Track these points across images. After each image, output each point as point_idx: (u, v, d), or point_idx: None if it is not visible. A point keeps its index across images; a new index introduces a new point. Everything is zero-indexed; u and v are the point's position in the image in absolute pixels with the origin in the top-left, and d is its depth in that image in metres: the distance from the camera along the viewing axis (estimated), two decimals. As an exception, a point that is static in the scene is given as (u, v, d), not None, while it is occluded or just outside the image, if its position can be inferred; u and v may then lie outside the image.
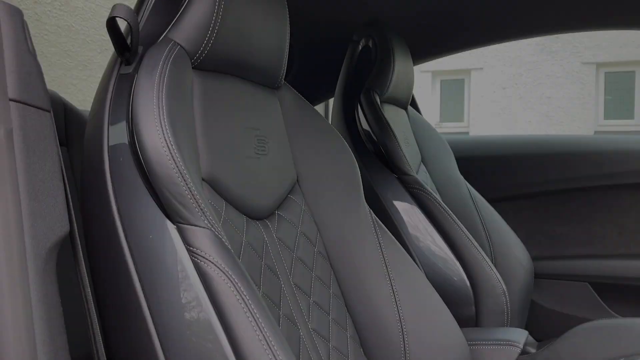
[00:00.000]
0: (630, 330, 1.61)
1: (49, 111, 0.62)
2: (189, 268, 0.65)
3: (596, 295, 1.88)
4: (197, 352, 0.62)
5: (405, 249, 1.40)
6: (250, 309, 0.63)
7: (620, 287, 1.88)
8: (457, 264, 1.37)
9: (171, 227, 0.67)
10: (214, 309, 0.63)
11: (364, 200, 1.08)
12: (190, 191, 0.66)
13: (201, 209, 0.67)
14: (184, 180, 0.66)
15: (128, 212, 0.68)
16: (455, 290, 1.34)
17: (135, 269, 0.66)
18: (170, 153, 0.67)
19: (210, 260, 0.64)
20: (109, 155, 0.71)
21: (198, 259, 0.65)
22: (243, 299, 0.63)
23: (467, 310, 1.32)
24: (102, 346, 0.63)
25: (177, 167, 0.66)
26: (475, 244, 1.40)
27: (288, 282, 0.90)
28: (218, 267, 0.64)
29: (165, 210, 0.67)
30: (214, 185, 0.80)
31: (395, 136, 1.52)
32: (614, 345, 1.56)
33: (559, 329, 1.71)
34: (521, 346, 1.10)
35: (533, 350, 1.74)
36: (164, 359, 0.63)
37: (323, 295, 0.97)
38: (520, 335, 1.13)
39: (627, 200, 1.93)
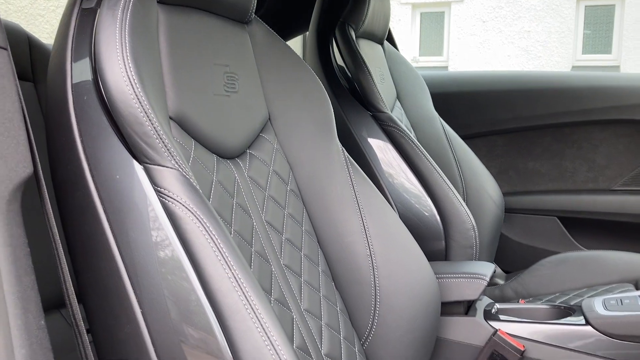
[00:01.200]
0: (594, 262, 1.67)
1: (5, 49, 0.60)
2: (157, 208, 0.65)
3: (564, 229, 1.94)
4: (167, 291, 0.63)
5: (379, 186, 1.42)
6: (219, 247, 0.64)
7: (588, 221, 1.94)
8: (429, 200, 1.39)
9: (138, 168, 0.66)
10: (183, 249, 0.64)
11: (337, 138, 1.08)
12: (156, 131, 0.66)
13: (168, 149, 0.66)
14: (149, 119, 0.65)
15: (94, 151, 0.67)
16: (426, 225, 1.37)
17: (103, 210, 0.66)
18: (134, 91, 0.65)
19: (178, 201, 0.65)
20: (72, 94, 0.69)
21: (166, 199, 0.65)
22: (212, 238, 0.64)
23: (437, 244, 1.35)
24: (72, 286, 0.64)
25: (142, 105, 0.65)
26: (447, 180, 1.42)
27: (260, 220, 0.91)
28: (186, 207, 0.64)
29: (132, 151, 0.67)
30: (182, 123, 0.79)
31: (370, 72, 1.50)
32: (579, 276, 1.63)
33: (527, 261, 1.77)
34: (487, 279, 1.13)
35: (501, 282, 1.80)
36: (135, 298, 0.64)
37: (295, 232, 0.98)
38: (487, 269, 1.17)
39: (597, 137, 1.97)
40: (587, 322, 1.08)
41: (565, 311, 1.17)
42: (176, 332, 0.63)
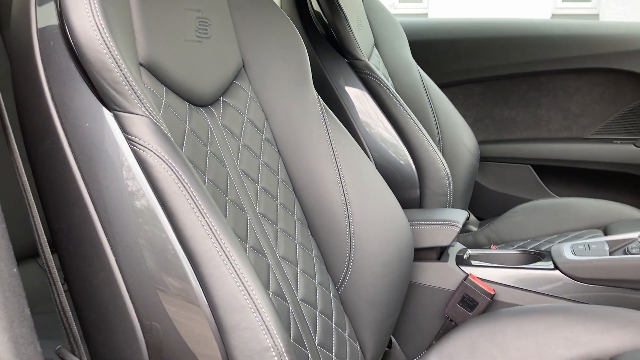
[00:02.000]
0: (566, 209, 1.71)
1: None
2: (129, 156, 0.64)
3: (537, 177, 1.98)
4: (141, 238, 0.64)
5: (355, 135, 1.42)
6: (192, 195, 0.64)
7: (561, 169, 1.97)
8: (404, 149, 1.40)
9: (108, 115, 0.65)
10: (156, 197, 0.64)
11: (312, 86, 1.07)
12: (125, 77, 0.64)
13: (137, 96, 0.65)
14: (118, 65, 0.64)
15: (62, 98, 0.66)
16: (401, 174, 1.38)
17: (74, 158, 0.65)
18: (102, 36, 0.64)
19: (149, 149, 0.64)
20: (38, 39, 0.67)
21: (137, 147, 0.64)
22: (184, 186, 0.64)
23: (412, 193, 1.37)
24: (44, 234, 0.64)
25: (110, 51, 0.64)
26: (423, 129, 1.42)
27: (235, 169, 0.91)
28: (157, 155, 0.64)
29: (101, 98, 0.65)
30: (152, 70, 0.77)
31: (346, 19, 1.48)
32: (550, 223, 1.67)
33: (501, 208, 1.81)
34: (460, 226, 1.16)
35: (475, 229, 1.84)
36: (108, 246, 0.64)
37: (271, 180, 0.98)
38: (460, 216, 1.19)
39: (573, 85, 1.98)
40: (556, 267, 1.12)
41: (535, 256, 1.21)
42: (151, 279, 0.63)
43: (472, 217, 1.95)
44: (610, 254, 1.11)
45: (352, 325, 1.02)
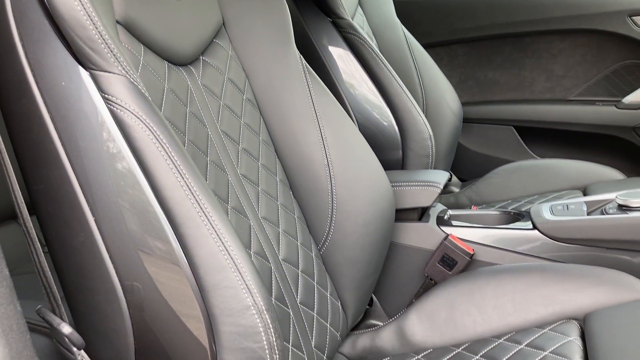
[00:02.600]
0: (547, 170, 1.73)
1: None
2: (106, 116, 0.63)
3: (519, 138, 1.99)
4: (120, 199, 0.63)
5: (338, 96, 1.41)
6: (170, 155, 0.63)
7: (543, 130, 1.98)
8: (388, 110, 1.39)
9: (84, 74, 0.64)
10: (134, 157, 0.63)
11: (294, 45, 1.05)
12: (101, 35, 0.63)
13: (114, 55, 0.64)
14: (93, 23, 0.62)
15: (37, 57, 0.64)
16: (384, 135, 1.38)
17: (50, 118, 0.64)
18: (75, -8, 0.62)
19: (126, 108, 0.63)
20: (9, -5, 0.65)
21: (114, 107, 0.63)
22: (162, 146, 0.63)
23: (395, 154, 1.37)
24: (22, 196, 0.63)
25: (84, 8, 0.62)
26: (406, 90, 1.42)
27: (215, 130, 0.90)
28: (135, 115, 0.63)
29: (76, 56, 0.64)
30: (130, 27, 0.75)
31: (330, -24, 1.45)
32: (531, 183, 1.69)
33: (483, 170, 1.82)
34: (441, 186, 1.16)
35: (457, 190, 1.86)
36: (87, 206, 0.64)
37: (252, 141, 0.98)
38: (441, 177, 1.19)
39: (557, 47, 1.97)
40: (534, 227, 1.13)
41: (514, 216, 1.22)
42: (131, 240, 0.63)
43: (455, 179, 1.96)
44: (588, 214, 1.13)
45: (333, 284, 1.04)
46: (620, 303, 0.93)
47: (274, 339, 0.63)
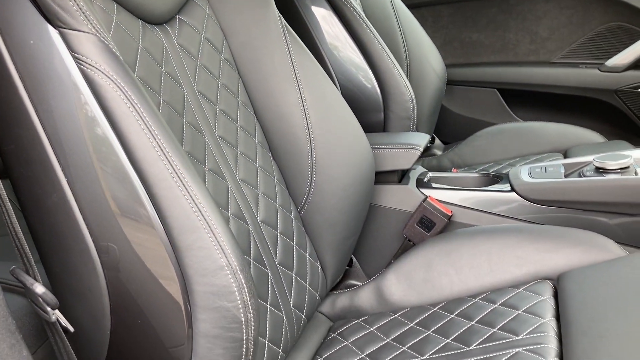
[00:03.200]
0: (529, 133, 1.74)
1: None
2: (76, 75, 0.62)
3: (502, 101, 1.99)
4: (91, 159, 0.63)
5: (319, 57, 1.40)
6: (142, 116, 0.63)
7: (526, 93, 1.98)
8: (370, 72, 1.38)
9: (53, 32, 0.63)
10: (106, 118, 0.63)
11: (274, 5, 1.04)
12: (69, -8, 0.61)
13: (83, 13, 0.62)
14: (60, -21, 0.61)
15: (3, 14, 0.63)
16: (366, 97, 1.37)
17: (19, 77, 0.63)
18: (41, -53, 0.60)
19: (96, 68, 0.62)
20: (-28, -52, 0.63)
21: (84, 66, 0.62)
22: (134, 106, 0.63)
23: (376, 116, 1.37)
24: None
25: (51, -36, 0.60)
26: (389, 52, 1.40)
27: (192, 90, 0.89)
28: (105, 75, 0.62)
29: (45, 14, 0.63)
30: (101, -15, 0.74)
31: None
32: (513, 146, 1.70)
33: (466, 132, 1.82)
34: (421, 149, 1.17)
35: (439, 153, 1.86)
36: (59, 167, 0.63)
37: (230, 102, 0.97)
38: (421, 139, 1.20)
39: (542, 8, 1.96)
40: (512, 189, 1.15)
41: (493, 179, 1.23)
42: (104, 200, 0.63)
43: (437, 141, 1.97)
44: (566, 176, 1.14)
45: (313, 246, 1.04)
46: (593, 263, 0.95)
47: (248, 298, 0.64)
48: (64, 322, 0.63)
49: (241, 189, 0.92)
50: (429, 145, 1.86)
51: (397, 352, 0.91)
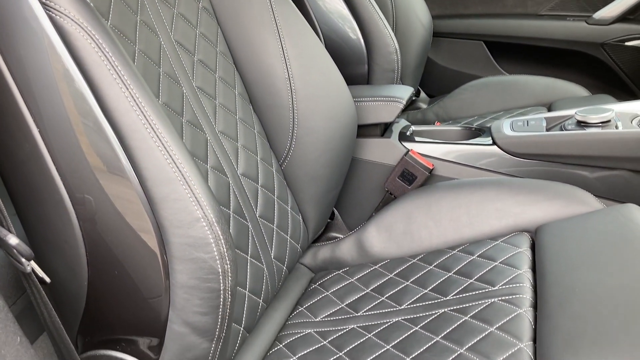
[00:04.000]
0: (514, 86, 1.73)
1: None
2: (46, 23, 0.60)
3: (489, 53, 1.97)
4: (63, 109, 0.62)
5: (302, 7, 1.36)
6: (114, 65, 0.61)
7: (513, 46, 1.96)
8: (354, 22, 1.36)
9: (19, -23, 0.60)
10: (77, 66, 0.61)
11: (254, -49, 1.01)
12: None
13: (50, -44, 0.60)
14: None
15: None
16: (350, 48, 1.35)
17: (-15, 24, 0.61)
18: None
19: (66, 15, 0.60)
20: None
21: (53, 13, 0.60)
22: (105, 56, 0.61)
23: (360, 68, 1.35)
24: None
25: None
26: (373, 2, 1.37)
27: (169, 40, 0.87)
28: (76, 23, 0.60)
29: (10, -44, 0.60)
30: None
31: None
32: (498, 99, 1.69)
33: (452, 85, 1.81)
34: (404, 102, 1.16)
35: (424, 106, 1.85)
36: (30, 117, 0.62)
37: (209, 52, 0.95)
38: (404, 92, 1.19)
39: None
40: (494, 142, 1.15)
41: (475, 132, 1.23)
42: (77, 151, 0.62)
43: (423, 95, 1.95)
44: (548, 130, 1.14)
45: (294, 199, 1.05)
46: (571, 216, 0.96)
47: (225, 249, 0.64)
48: (40, 273, 0.63)
49: (220, 142, 0.91)
50: (414, 98, 1.85)
51: (376, 302, 0.93)
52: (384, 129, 1.22)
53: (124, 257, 0.65)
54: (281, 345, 0.89)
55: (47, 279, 0.63)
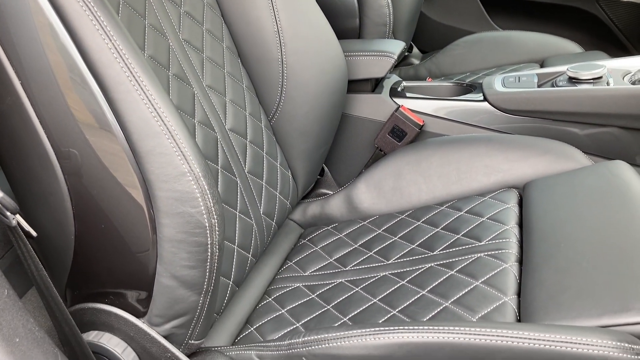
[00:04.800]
0: (507, 42, 1.71)
1: None
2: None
3: (482, 9, 1.94)
4: (46, 61, 0.60)
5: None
6: (96, 16, 0.59)
7: (506, 0, 1.93)
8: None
9: None
10: (58, 17, 0.59)
11: None
12: None
13: None
14: None
15: None
16: (341, 1, 1.32)
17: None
18: None
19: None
20: None
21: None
22: (87, 5, 0.59)
23: (351, 22, 1.33)
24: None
25: None
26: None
27: (154, -10, 0.85)
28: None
29: None
30: None
31: None
32: (491, 56, 1.67)
33: (445, 41, 1.78)
34: (395, 57, 1.14)
35: (417, 62, 1.83)
36: (11, 68, 0.61)
37: (195, 4, 0.93)
38: (396, 47, 1.17)
39: None
40: (485, 98, 1.14)
41: (466, 88, 1.22)
42: (61, 104, 0.61)
43: (415, 50, 1.93)
44: (539, 86, 1.13)
45: (284, 155, 1.04)
46: (560, 172, 0.96)
47: (212, 204, 0.64)
48: (26, 226, 0.62)
49: (208, 96, 0.90)
50: (406, 54, 1.82)
51: (364, 257, 0.94)
52: (375, 85, 1.21)
53: (111, 211, 0.65)
54: (270, 299, 0.91)
55: (34, 233, 0.62)
